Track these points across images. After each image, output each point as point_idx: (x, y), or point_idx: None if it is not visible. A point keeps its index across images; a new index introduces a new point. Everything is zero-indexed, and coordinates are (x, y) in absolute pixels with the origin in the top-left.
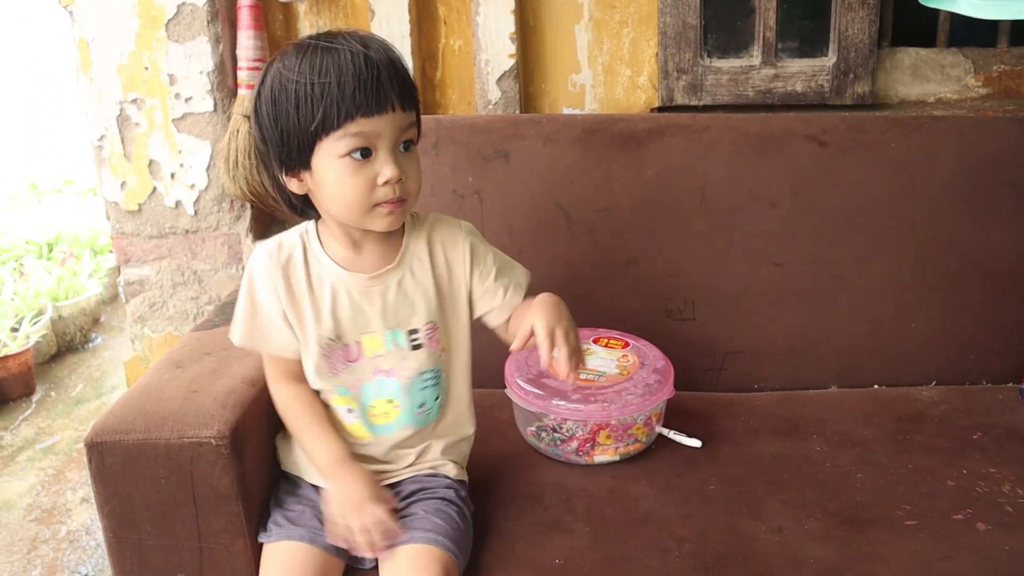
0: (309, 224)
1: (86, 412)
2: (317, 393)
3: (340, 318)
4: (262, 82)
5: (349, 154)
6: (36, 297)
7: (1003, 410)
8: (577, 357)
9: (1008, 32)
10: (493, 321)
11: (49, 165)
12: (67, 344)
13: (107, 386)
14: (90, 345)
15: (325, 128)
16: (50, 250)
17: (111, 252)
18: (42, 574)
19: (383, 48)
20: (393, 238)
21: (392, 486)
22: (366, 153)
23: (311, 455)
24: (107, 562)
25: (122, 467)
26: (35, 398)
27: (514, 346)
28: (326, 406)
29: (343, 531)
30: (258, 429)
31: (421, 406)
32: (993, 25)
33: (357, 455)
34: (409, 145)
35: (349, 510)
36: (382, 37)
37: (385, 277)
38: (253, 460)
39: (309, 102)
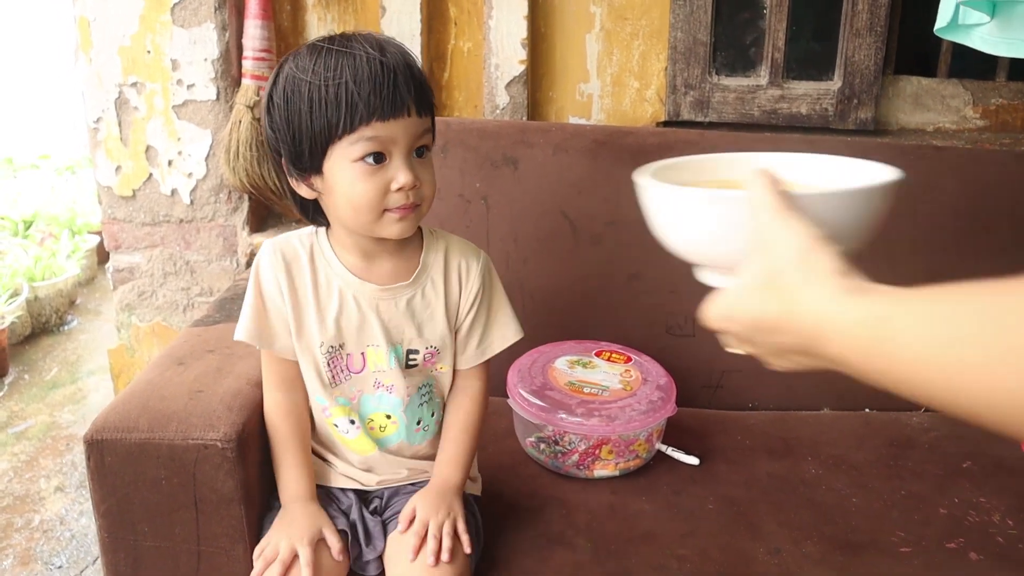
0: (321, 228)
1: (61, 397)
2: (308, 407)
3: (344, 326)
4: (274, 82)
5: (362, 158)
6: (12, 277)
7: (991, 439)
8: (439, 554)
9: (1007, 67)
10: (446, 361)
11: (26, 139)
12: (42, 326)
13: (83, 371)
14: (65, 328)
15: (339, 131)
16: (26, 228)
17: (90, 233)
18: (13, 565)
19: (399, 52)
20: (408, 253)
21: (395, 491)
22: (380, 158)
23: (279, 478)
24: (82, 554)
25: (122, 466)
26: (8, 380)
27: (400, 529)
28: (333, 425)
29: (269, 552)
30: (262, 433)
31: (418, 423)
32: (991, 58)
33: (355, 470)
34: (423, 151)
35: (285, 539)
36: (398, 41)
37: (397, 292)
38: (256, 464)
39: (323, 104)
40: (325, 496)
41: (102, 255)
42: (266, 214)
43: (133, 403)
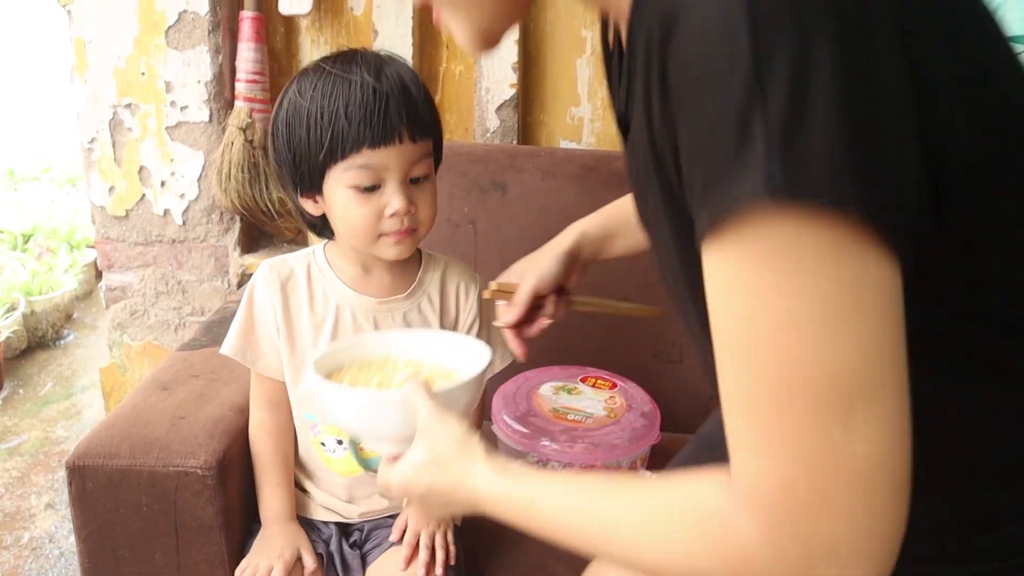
0: (317, 247)
1: (54, 412)
2: (292, 429)
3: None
4: (280, 103)
5: (356, 185)
6: (9, 291)
7: None
8: (432, 563)
9: None
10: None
11: (27, 151)
12: (38, 340)
13: (77, 386)
14: (61, 342)
15: (332, 157)
16: (25, 241)
17: (88, 247)
18: None
19: (397, 75)
20: (406, 269)
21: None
22: (373, 186)
23: (260, 498)
24: (70, 572)
25: (103, 492)
26: (2, 395)
27: (393, 537)
28: (320, 444)
29: (248, 573)
30: (244, 459)
31: None
32: None
33: (337, 500)
34: (420, 179)
35: (264, 559)
36: (403, 60)
37: (393, 305)
38: (237, 490)
39: (318, 129)
40: (305, 526)
41: (100, 270)
42: (257, 235)
43: (116, 429)
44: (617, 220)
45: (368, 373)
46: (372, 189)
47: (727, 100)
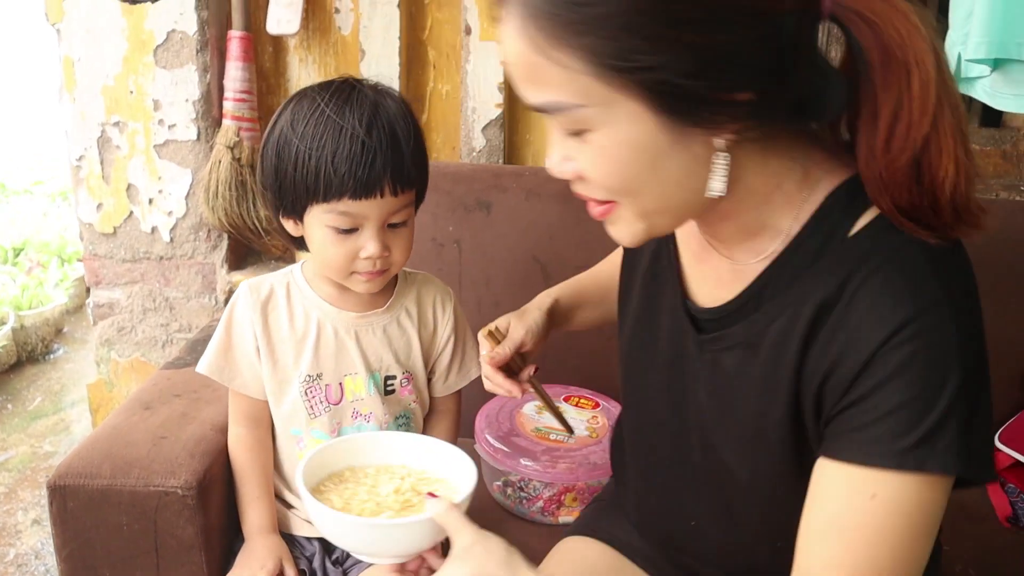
0: (295, 266)
1: (43, 427)
2: (274, 441)
3: (322, 355)
4: (272, 127)
5: (334, 227)
6: None
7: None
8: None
9: (979, 113)
10: (420, 392)
11: (19, 164)
12: (28, 354)
13: (66, 401)
14: (51, 356)
15: (314, 197)
16: (16, 255)
17: (79, 260)
18: None
19: (389, 126)
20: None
21: None
22: (351, 230)
23: (241, 511)
24: None
25: (84, 512)
26: None
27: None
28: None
29: None
30: (225, 479)
31: None
32: (965, 104)
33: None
34: (398, 224)
35: (247, 570)
36: (398, 96)
37: (373, 319)
38: (218, 510)
39: (304, 169)
40: (288, 543)
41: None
42: (245, 252)
43: (97, 449)
44: (588, 291)
45: (354, 484)
46: (349, 231)
47: (932, 414)
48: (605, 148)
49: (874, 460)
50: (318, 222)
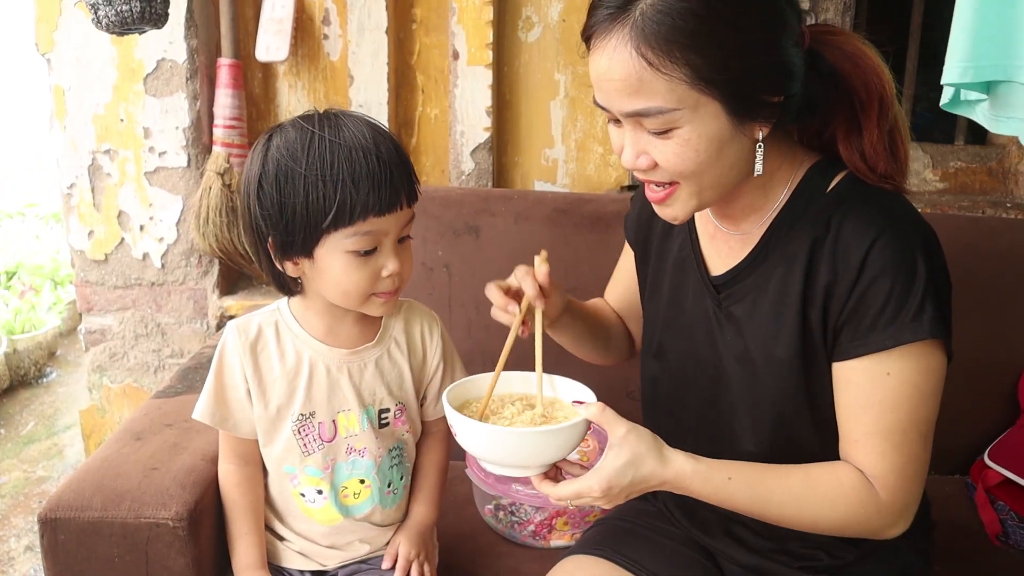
0: (281, 302)
1: (36, 452)
2: (262, 480)
3: (315, 394)
4: (262, 163)
5: (356, 250)
6: None
7: (949, 503)
8: None
9: (965, 130)
10: (412, 421)
11: (12, 187)
12: (20, 378)
13: (59, 425)
14: (44, 380)
15: (336, 223)
16: (8, 279)
17: (72, 284)
18: None
19: (390, 143)
20: (372, 317)
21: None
22: (371, 251)
23: (231, 547)
24: None
25: (75, 545)
26: None
27: (385, 564)
28: (299, 496)
29: None
30: (216, 510)
31: (389, 485)
32: (950, 120)
33: (316, 547)
34: (404, 239)
35: None
36: (380, 124)
37: (364, 354)
38: (209, 541)
39: (320, 197)
40: (278, 575)
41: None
42: (236, 277)
43: (88, 481)
44: (591, 310)
45: (499, 407)
46: (369, 253)
47: (913, 295)
48: (689, 141)
49: (883, 344)
50: (336, 250)
